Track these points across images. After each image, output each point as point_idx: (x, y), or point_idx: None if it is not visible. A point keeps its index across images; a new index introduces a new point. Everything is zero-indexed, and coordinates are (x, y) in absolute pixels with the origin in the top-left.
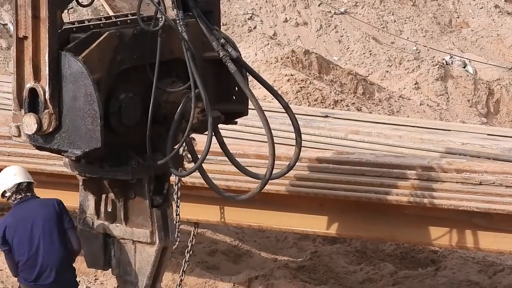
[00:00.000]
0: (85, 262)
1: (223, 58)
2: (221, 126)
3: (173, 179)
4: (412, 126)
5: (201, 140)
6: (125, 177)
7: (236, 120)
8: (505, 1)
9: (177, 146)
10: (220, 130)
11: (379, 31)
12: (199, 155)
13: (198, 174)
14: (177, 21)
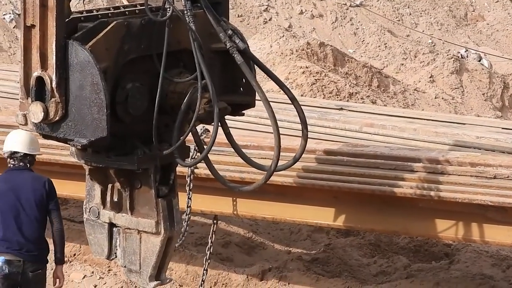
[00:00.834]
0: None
1: (230, 49)
2: (237, 118)
3: (186, 170)
4: (427, 119)
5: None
6: (131, 167)
7: (243, 112)
8: None
9: (182, 137)
10: (237, 123)
11: (394, 23)
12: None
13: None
14: (185, 12)
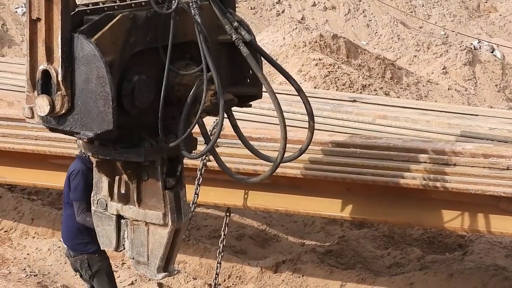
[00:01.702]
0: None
1: (236, 41)
2: (250, 110)
3: (197, 163)
4: (440, 111)
5: (226, 124)
6: (137, 159)
7: (250, 103)
8: None
9: (189, 129)
10: (250, 115)
11: (407, 15)
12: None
13: (228, 158)
14: (191, 4)
